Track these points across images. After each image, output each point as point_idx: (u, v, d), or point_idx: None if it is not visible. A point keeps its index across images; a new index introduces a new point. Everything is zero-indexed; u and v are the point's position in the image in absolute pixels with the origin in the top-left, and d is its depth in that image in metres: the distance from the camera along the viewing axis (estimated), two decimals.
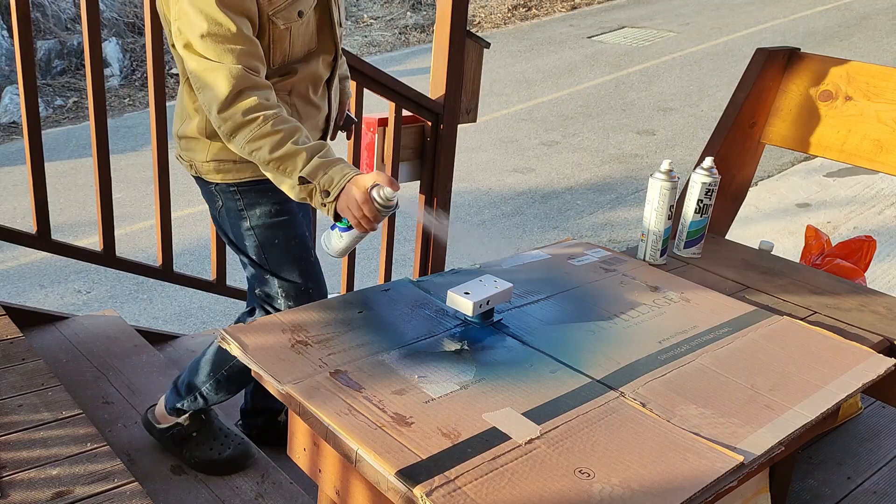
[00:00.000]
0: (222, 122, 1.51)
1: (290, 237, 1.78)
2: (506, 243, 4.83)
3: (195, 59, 1.50)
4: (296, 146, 1.49)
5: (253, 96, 1.49)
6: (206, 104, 1.52)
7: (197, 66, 1.51)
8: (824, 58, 2.23)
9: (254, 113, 1.49)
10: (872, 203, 5.30)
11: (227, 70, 1.48)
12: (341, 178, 1.48)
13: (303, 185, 1.51)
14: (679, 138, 6.63)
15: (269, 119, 1.50)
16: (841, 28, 9.63)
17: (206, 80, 1.50)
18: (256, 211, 1.75)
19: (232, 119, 1.49)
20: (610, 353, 1.41)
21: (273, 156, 1.50)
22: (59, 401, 1.84)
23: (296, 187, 1.51)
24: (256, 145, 1.50)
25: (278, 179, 1.54)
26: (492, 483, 1.05)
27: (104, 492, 1.63)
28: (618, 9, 11.16)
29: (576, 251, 1.87)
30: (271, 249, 1.77)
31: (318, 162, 1.50)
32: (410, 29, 10.16)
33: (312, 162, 1.50)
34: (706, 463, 1.13)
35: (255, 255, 1.78)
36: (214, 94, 1.49)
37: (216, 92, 1.49)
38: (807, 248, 2.58)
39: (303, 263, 1.79)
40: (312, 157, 1.50)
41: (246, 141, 1.50)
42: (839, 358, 1.46)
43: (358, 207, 1.47)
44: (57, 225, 2.36)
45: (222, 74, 1.48)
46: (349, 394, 1.22)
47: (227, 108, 1.49)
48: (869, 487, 2.00)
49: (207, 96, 1.51)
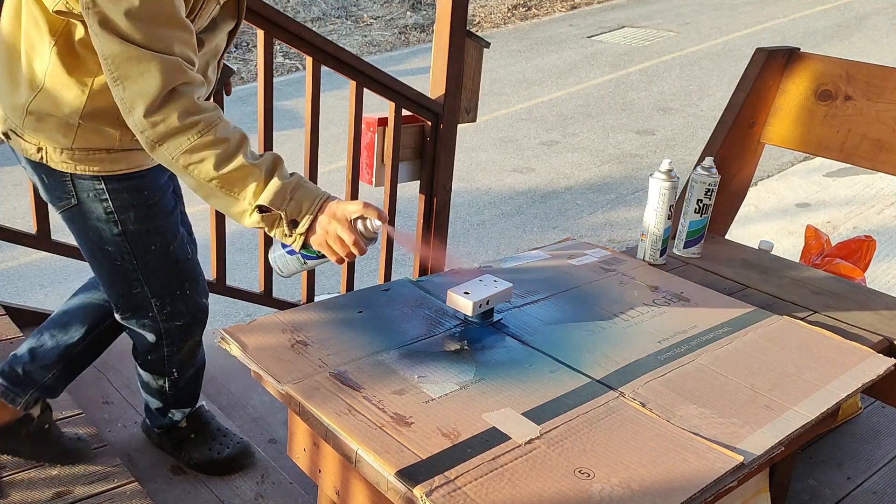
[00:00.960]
0: (149, 126, 1.23)
1: (168, 241, 1.56)
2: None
3: (116, 42, 1.19)
4: (248, 161, 1.24)
5: (190, 96, 1.23)
6: (126, 101, 1.23)
7: (119, 52, 1.20)
8: (824, 57, 2.23)
9: (193, 117, 1.23)
10: (872, 203, 5.30)
11: (162, 62, 1.20)
12: (311, 204, 1.27)
13: (263, 214, 1.27)
14: (679, 138, 6.63)
15: (213, 126, 1.24)
16: (840, 28, 9.63)
17: (129, 71, 1.20)
18: (130, 214, 1.47)
19: (165, 124, 1.22)
20: (610, 353, 1.41)
21: (219, 173, 1.23)
22: (59, 401, 1.84)
23: (249, 215, 1.27)
24: (195, 158, 1.23)
25: (222, 202, 1.28)
26: (492, 483, 1.05)
27: (104, 492, 1.63)
28: (618, 9, 11.16)
29: (576, 251, 1.87)
30: (145, 257, 1.53)
31: (278, 185, 1.25)
32: (410, 29, 10.16)
33: (273, 185, 1.25)
34: (706, 463, 1.13)
35: (122, 265, 1.53)
36: (141, 90, 1.21)
37: (144, 88, 1.20)
38: (806, 248, 2.58)
39: (182, 266, 1.61)
40: (271, 178, 1.25)
41: (181, 152, 1.23)
42: (839, 358, 1.46)
43: (341, 243, 1.28)
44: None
45: (154, 67, 1.20)
46: (349, 394, 1.22)
47: (158, 109, 1.21)
48: (869, 487, 2.00)
49: (131, 92, 1.22)
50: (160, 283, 1.58)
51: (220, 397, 2.31)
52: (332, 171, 5.54)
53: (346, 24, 10.25)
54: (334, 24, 10.19)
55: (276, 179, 1.25)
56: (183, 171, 1.26)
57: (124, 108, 1.25)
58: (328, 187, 1.41)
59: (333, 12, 10.47)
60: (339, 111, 5.70)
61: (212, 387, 2.35)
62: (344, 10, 10.57)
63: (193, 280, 1.66)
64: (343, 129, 3.35)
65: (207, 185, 1.26)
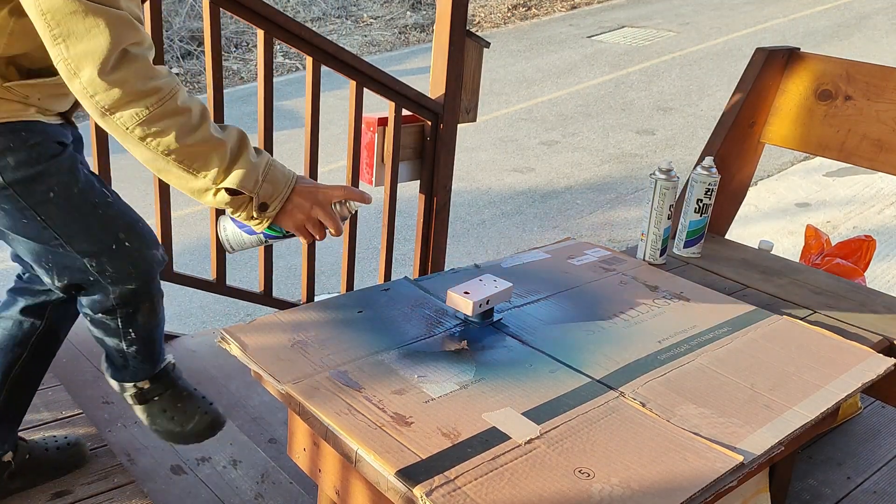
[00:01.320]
0: (101, 90, 1.09)
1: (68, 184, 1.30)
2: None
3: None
4: (213, 135, 1.15)
5: (145, 58, 1.11)
6: (70, 61, 1.09)
7: (62, 6, 1.06)
8: (824, 57, 2.23)
9: (151, 82, 1.10)
10: (872, 202, 5.30)
11: (110, 16, 1.07)
12: (283, 187, 1.21)
13: (232, 197, 1.18)
14: (679, 138, 6.63)
15: (173, 93, 1.12)
16: (840, 28, 9.63)
17: (73, 27, 1.07)
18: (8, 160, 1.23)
19: (120, 88, 1.09)
20: (609, 352, 1.41)
21: (181, 145, 1.12)
22: (59, 401, 1.84)
23: (214, 194, 1.18)
24: (154, 129, 1.12)
25: (178, 178, 1.17)
26: (492, 483, 1.05)
27: (104, 492, 1.63)
28: (617, 8, 11.16)
29: (575, 251, 1.87)
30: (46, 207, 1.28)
31: (248, 165, 1.16)
32: (410, 28, 10.16)
33: (242, 165, 1.16)
34: (706, 463, 1.13)
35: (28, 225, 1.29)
36: (89, 49, 1.07)
37: (92, 47, 1.07)
38: (806, 248, 2.58)
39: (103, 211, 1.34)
40: (238, 157, 1.16)
41: (137, 122, 1.11)
42: (839, 358, 1.46)
43: (320, 227, 1.26)
44: None
45: (102, 22, 1.07)
46: (349, 394, 1.22)
47: (111, 71, 1.08)
48: (869, 487, 2.01)
49: (76, 51, 1.08)
50: (84, 239, 1.32)
51: (220, 397, 2.31)
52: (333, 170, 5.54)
53: (346, 24, 10.26)
54: (334, 24, 10.19)
55: (245, 159, 1.17)
56: (138, 142, 1.13)
57: (68, 71, 1.10)
58: None
59: (333, 12, 10.47)
60: (339, 111, 5.70)
61: (212, 387, 2.35)
62: (344, 10, 10.57)
63: (128, 227, 1.37)
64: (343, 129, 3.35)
65: (164, 157, 1.14)
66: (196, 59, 8.64)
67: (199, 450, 1.97)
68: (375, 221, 2.05)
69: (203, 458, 1.95)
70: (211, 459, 1.95)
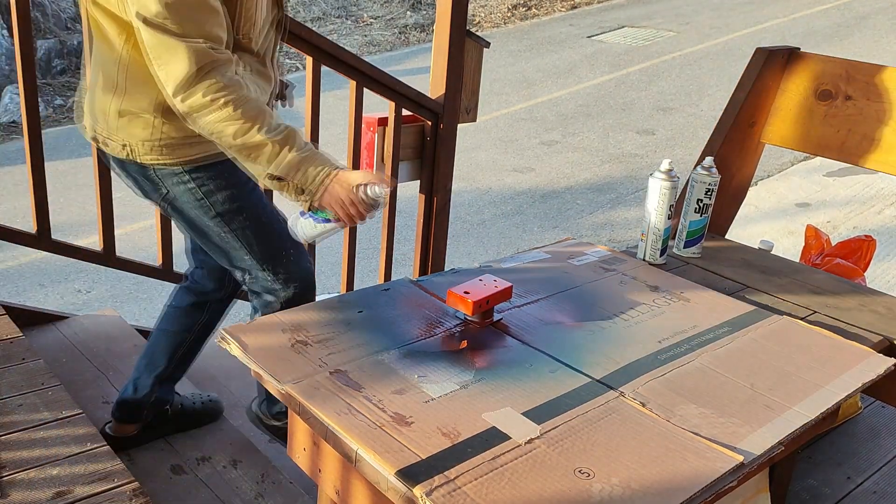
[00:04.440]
0: (180, 102, 1.42)
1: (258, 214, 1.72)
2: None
3: (151, 32, 1.39)
4: (262, 135, 1.44)
5: (215, 75, 1.41)
6: (162, 81, 1.43)
7: (157, 41, 1.39)
8: (824, 57, 2.23)
9: (214, 94, 1.41)
10: (872, 203, 5.30)
11: (190, 48, 1.39)
12: (318, 174, 1.46)
13: (278, 182, 1.49)
14: (679, 138, 6.63)
15: (230, 102, 1.42)
16: (840, 28, 9.63)
17: (163, 55, 1.40)
18: (218, 197, 1.65)
19: (191, 101, 1.41)
20: (610, 352, 1.41)
21: (236, 142, 1.44)
22: (59, 400, 1.84)
23: (265, 178, 1.49)
24: (217, 129, 1.44)
25: (244, 163, 1.50)
26: (492, 483, 1.05)
27: (104, 492, 1.63)
28: (617, 8, 11.16)
29: (576, 251, 1.87)
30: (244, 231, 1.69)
31: (291, 158, 1.45)
32: (410, 28, 10.15)
33: (284, 157, 1.45)
34: (706, 463, 1.13)
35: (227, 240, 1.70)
36: (173, 72, 1.40)
37: (175, 70, 1.39)
38: (806, 248, 2.58)
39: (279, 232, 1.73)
40: (283, 150, 1.45)
41: (207, 123, 1.44)
42: (839, 358, 1.46)
43: (344, 206, 1.47)
44: (57, 224, 2.36)
45: (183, 52, 1.38)
46: (349, 393, 1.22)
47: (186, 88, 1.41)
48: (869, 487, 2.00)
49: (165, 73, 1.41)
50: (265, 251, 1.72)
51: (220, 397, 2.31)
52: None
53: (346, 23, 10.25)
54: (334, 24, 10.19)
55: (287, 152, 1.45)
56: (211, 136, 1.47)
57: (162, 88, 1.45)
58: None
59: (333, 12, 10.46)
60: (339, 111, 5.70)
61: (212, 387, 2.36)
62: (344, 9, 10.57)
63: (294, 243, 1.75)
64: (343, 129, 3.35)
65: (229, 150, 1.48)
66: None
67: (199, 450, 1.97)
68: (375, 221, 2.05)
69: (203, 457, 1.95)
70: (211, 459, 1.95)
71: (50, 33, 8.01)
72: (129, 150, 1.60)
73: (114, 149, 1.62)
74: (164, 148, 1.59)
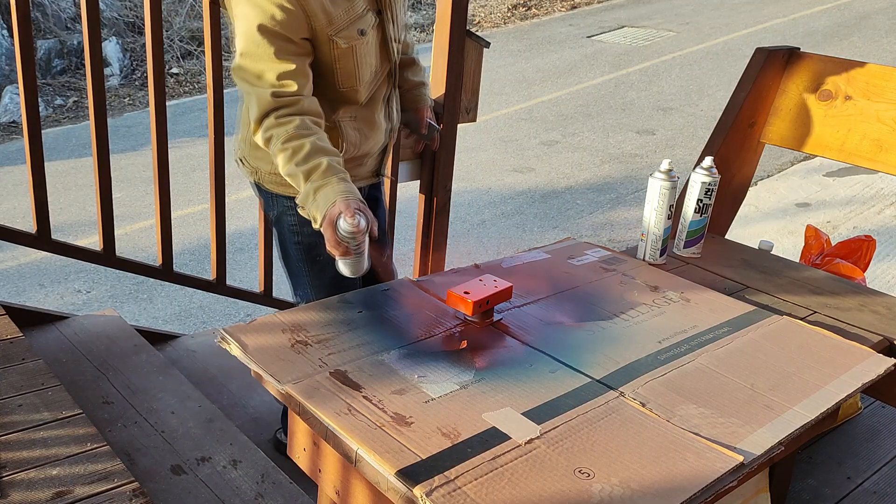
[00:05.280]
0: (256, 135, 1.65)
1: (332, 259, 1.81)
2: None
3: (238, 79, 1.64)
4: (296, 167, 1.58)
5: (272, 117, 1.61)
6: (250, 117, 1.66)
7: (240, 87, 1.66)
8: (824, 57, 2.23)
9: (270, 131, 1.62)
10: (872, 203, 5.30)
11: (259, 95, 1.60)
12: (324, 204, 1.54)
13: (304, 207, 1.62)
14: (679, 138, 6.63)
15: (280, 137, 1.61)
16: (840, 28, 9.63)
17: (246, 100, 1.67)
18: (306, 229, 1.82)
19: (261, 136, 1.64)
20: (610, 352, 1.41)
21: (285, 173, 1.62)
22: (59, 401, 1.84)
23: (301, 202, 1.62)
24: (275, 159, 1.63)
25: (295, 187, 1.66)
26: (492, 483, 1.05)
27: (104, 492, 1.63)
28: (617, 8, 11.16)
29: (576, 251, 1.87)
30: (314, 264, 1.88)
31: (308, 188, 1.57)
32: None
33: (305, 187, 1.57)
34: (706, 463, 1.13)
35: (299, 266, 1.92)
36: (251, 114, 1.64)
37: (251, 113, 1.63)
38: (806, 248, 2.58)
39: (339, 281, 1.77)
40: (306, 181, 1.57)
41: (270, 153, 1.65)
42: (839, 358, 1.46)
43: (331, 245, 1.53)
44: (57, 224, 2.36)
45: (254, 98, 1.61)
46: (349, 394, 1.22)
47: (259, 125, 1.64)
48: (869, 487, 2.01)
49: (250, 111, 1.65)
50: (319, 288, 1.90)
51: (221, 397, 2.31)
52: None
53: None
54: None
55: (305, 184, 1.58)
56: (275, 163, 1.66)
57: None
58: None
59: None
60: None
61: (212, 387, 2.36)
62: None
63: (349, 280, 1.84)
64: None
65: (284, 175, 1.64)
66: (196, 59, 8.63)
67: (199, 450, 1.97)
68: None
69: (203, 458, 1.95)
70: (211, 459, 1.95)
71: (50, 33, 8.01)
72: (257, 176, 1.87)
73: (247, 171, 1.89)
74: (277, 180, 1.82)
